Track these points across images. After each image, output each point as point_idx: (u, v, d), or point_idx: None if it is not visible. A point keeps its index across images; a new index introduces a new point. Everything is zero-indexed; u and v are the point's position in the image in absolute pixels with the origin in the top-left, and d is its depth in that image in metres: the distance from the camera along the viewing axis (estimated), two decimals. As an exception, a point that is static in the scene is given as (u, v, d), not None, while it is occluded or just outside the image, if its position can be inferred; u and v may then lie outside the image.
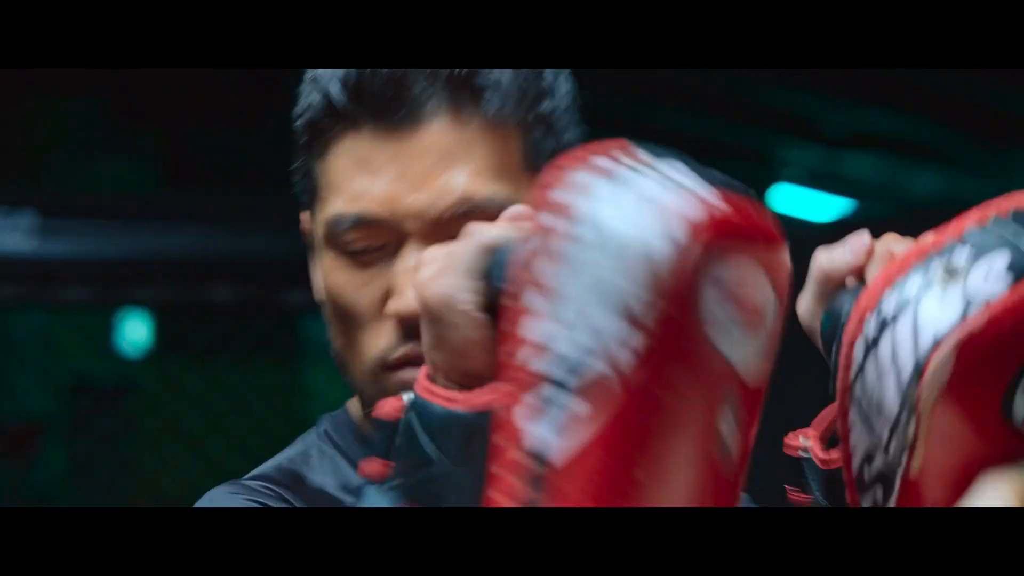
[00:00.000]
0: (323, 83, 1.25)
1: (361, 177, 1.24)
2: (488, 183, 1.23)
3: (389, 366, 1.25)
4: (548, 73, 1.28)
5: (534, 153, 1.26)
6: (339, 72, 1.25)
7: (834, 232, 1.14)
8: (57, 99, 5.96)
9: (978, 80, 5.54)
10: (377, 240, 1.25)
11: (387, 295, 1.25)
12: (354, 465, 1.30)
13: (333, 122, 1.26)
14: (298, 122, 1.29)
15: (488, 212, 1.19)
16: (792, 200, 7.11)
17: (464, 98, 1.23)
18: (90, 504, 5.40)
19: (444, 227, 1.22)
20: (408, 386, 1.20)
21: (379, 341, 1.25)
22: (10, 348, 5.88)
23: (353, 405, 1.35)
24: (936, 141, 6.41)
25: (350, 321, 1.27)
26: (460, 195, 1.22)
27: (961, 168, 6.76)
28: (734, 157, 6.97)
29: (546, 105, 1.27)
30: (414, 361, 1.22)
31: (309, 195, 1.30)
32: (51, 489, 5.87)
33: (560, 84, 1.29)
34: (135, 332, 6.27)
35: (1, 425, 5.99)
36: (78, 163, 6.21)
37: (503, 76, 1.24)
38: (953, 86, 5.62)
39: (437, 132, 1.23)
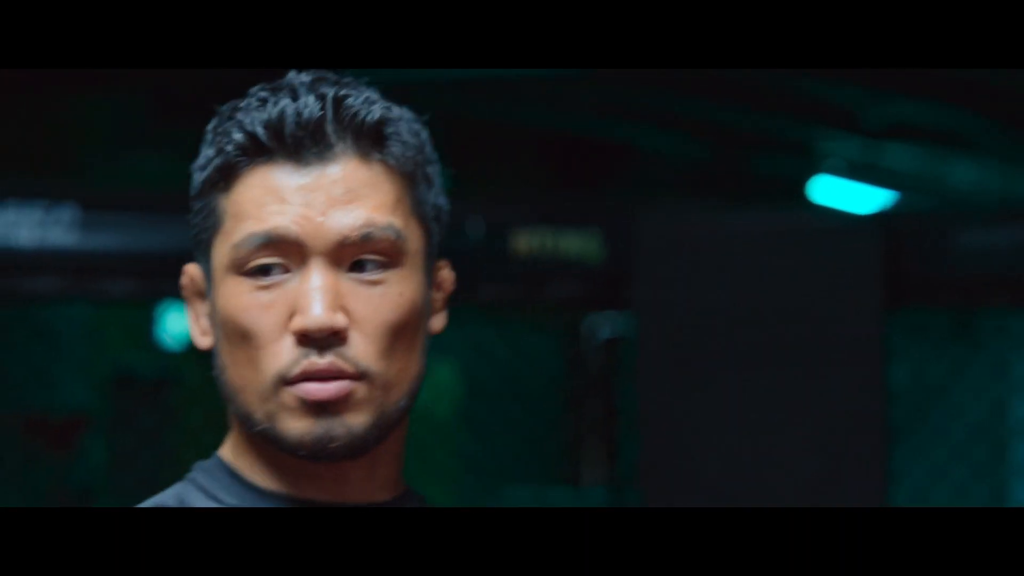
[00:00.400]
0: (246, 124, 1.36)
1: (272, 204, 1.35)
2: (387, 215, 1.36)
3: (288, 381, 1.34)
4: (427, 144, 1.41)
5: (420, 202, 1.40)
6: (260, 115, 1.35)
7: (874, 224, 1.14)
8: (98, 96, 5.98)
9: (1017, 72, 5.51)
10: (283, 258, 1.34)
11: (291, 314, 1.34)
12: (219, 503, 1.39)
13: (249, 159, 1.36)
14: (211, 165, 1.38)
15: (386, 238, 1.34)
16: (832, 191, 7.10)
17: (370, 143, 1.36)
18: (132, 496, 5.42)
19: (348, 249, 1.34)
20: (304, 400, 1.32)
21: (279, 359, 1.34)
22: (53, 341, 5.92)
23: (226, 451, 1.44)
24: (975, 132, 6.38)
25: (250, 341, 1.35)
26: (365, 219, 1.34)
27: (1000, 159, 6.72)
28: (775, 149, 6.96)
29: (430, 168, 1.41)
30: (312, 376, 1.33)
31: (210, 231, 1.39)
32: (93, 481, 5.91)
33: (434, 155, 1.43)
34: (177, 325, 6.30)
35: (44, 418, 6.03)
36: (119, 158, 6.23)
37: (402, 129, 1.38)
38: (992, 77, 5.59)
39: (345, 169, 1.36)
